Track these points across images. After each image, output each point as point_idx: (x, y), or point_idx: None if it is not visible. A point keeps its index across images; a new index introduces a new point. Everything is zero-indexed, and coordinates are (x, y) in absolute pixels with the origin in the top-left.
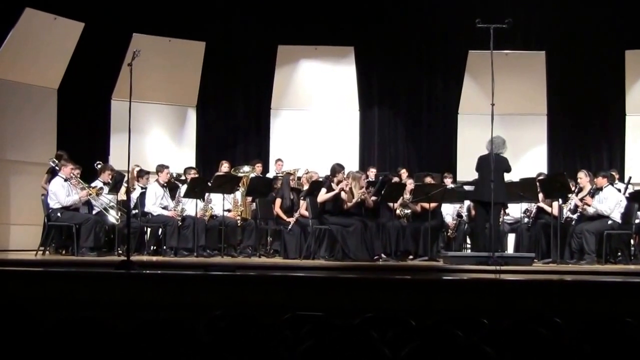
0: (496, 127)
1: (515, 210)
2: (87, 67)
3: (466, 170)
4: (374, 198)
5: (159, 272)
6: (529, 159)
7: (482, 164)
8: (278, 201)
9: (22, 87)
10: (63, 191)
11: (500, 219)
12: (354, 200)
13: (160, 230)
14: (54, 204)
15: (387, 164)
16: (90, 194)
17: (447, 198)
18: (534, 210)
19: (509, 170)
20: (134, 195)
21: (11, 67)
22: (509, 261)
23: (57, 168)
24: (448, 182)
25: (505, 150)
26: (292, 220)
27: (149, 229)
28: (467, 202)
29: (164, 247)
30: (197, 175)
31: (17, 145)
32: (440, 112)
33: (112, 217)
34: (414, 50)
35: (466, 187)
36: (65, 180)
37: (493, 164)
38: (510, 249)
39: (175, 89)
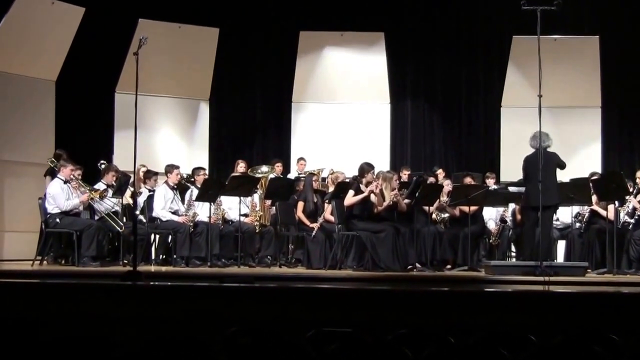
0: (544, 122)
1: (565, 215)
2: (88, 56)
3: (510, 170)
4: (407, 201)
5: (169, 283)
6: (581, 157)
7: (530, 165)
8: (300, 205)
9: (16, 79)
10: (62, 194)
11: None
12: (385, 204)
13: (170, 237)
14: (52, 208)
15: (422, 163)
16: (92, 198)
17: (489, 201)
18: (586, 214)
19: (562, 165)
20: (141, 199)
21: (4, 58)
22: (559, 271)
23: (55, 169)
24: (490, 182)
25: (551, 144)
26: (315, 225)
27: (157, 236)
28: (511, 206)
29: (174, 256)
30: (206, 177)
31: (11, 143)
32: (481, 105)
33: (117, 223)
34: (452, 36)
35: (511, 189)
36: (65, 182)
37: (541, 161)
38: (560, 258)
39: (186, 81)
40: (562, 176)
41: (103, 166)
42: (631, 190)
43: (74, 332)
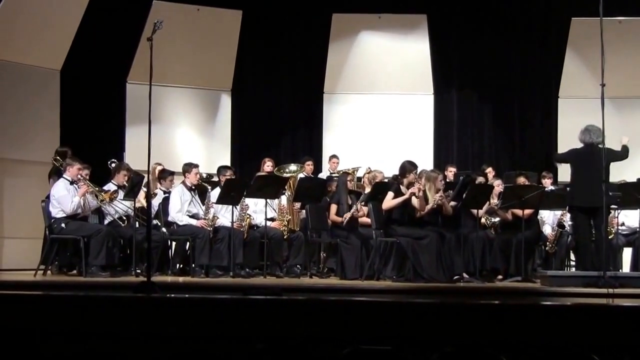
0: (607, 114)
1: (632, 219)
2: (96, 42)
3: (569, 168)
4: (453, 203)
5: (187, 295)
6: None
7: (579, 159)
8: (333, 208)
9: (15, 68)
10: (68, 196)
11: (613, 229)
12: (428, 207)
13: (187, 244)
14: (56, 212)
15: (470, 161)
16: (102, 200)
17: (546, 203)
18: None
19: (621, 155)
20: (156, 201)
21: (3, 45)
22: (625, 282)
23: (60, 168)
24: (547, 183)
25: (601, 141)
26: (346, 217)
27: (173, 243)
28: None
29: (193, 265)
30: (233, 177)
31: (11, 140)
32: (537, 96)
33: (129, 228)
34: (503, 19)
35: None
36: (71, 183)
37: (605, 159)
38: (626, 267)
39: (206, 70)
40: (629, 175)
41: (113, 165)
42: None
43: (80, 350)
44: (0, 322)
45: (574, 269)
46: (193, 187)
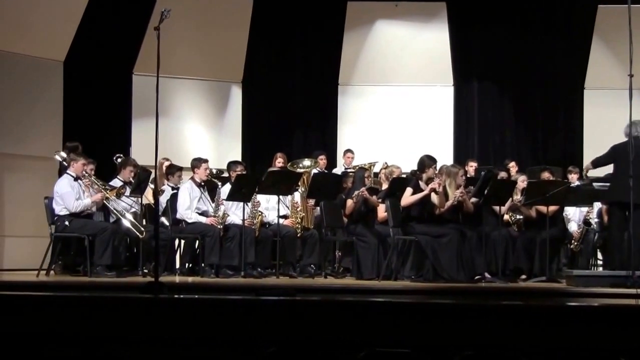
0: (636, 105)
1: None
2: (101, 32)
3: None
4: (474, 200)
5: (196, 296)
6: None
7: (619, 154)
8: (349, 204)
9: (16, 59)
10: (72, 193)
11: None
12: (448, 203)
13: (197, 242)
14: (60, 209)
15: (491, 156)
16: (107, 197)
17: (571, 199)
18: None
19: None
20: (163, 198)
21: (5, 35)
22: None
23: (64, 164)
24: (572, 178)
25: None
26: (357, 194)
27: (182, 241)
28: (597, 205)
29: (202, 265)
30: (244, 172)
31: (12, 134)
32: (561, 87)
33: (135, 226)
34: (526, 6)
35: (596, 185)
36: (76, 179)
37: (632, 152)
38: None
39: (216, 60)
40: None
41: (119, 160)
42: None
43: (84, 354)
44: (1, 324)
45: (601, 268)
46: (202, 183)
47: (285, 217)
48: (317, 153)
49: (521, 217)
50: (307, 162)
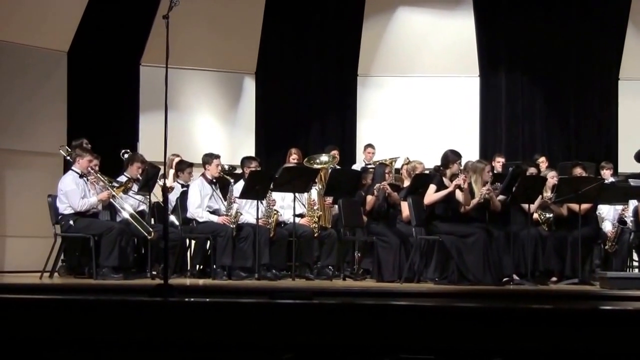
0: None
1: None
2: (107, 22)
3: (631, 158)
4: (501, 197)
5: (208, 300)
6: None
7: None
8: (370, 199)
9: (18, 50)
10: (77, 191)
11: None
12: (474, 201)
13: (208, 242)
14: (64, 208)
15: (520, 150)
16: (113, 195)
17: (605, 197)
18: None
19: None
20: (173, 196)
21: (5, 25)
22: None
23: (69, 159)
24: (606, 174)
25: None
26: (378, 187)
27: (193, 242)
28: (633, 203)
29: (214, 267)
30: (258, 169)
31: (14, 129)
32: (594, 78)
33: (143, 225)
34: None
35: (632, 182)
36: (81, 176)
37: None
38: None
39: (228, 50)
40: None
41: (126, 156)
42: None
43: (91, 358)
44: (2, 329)
45: (636, 270)
46: (214, 180)
47: (301, 215)
48: (328, 147)
49: (551, 215)
50: (325, 157)
